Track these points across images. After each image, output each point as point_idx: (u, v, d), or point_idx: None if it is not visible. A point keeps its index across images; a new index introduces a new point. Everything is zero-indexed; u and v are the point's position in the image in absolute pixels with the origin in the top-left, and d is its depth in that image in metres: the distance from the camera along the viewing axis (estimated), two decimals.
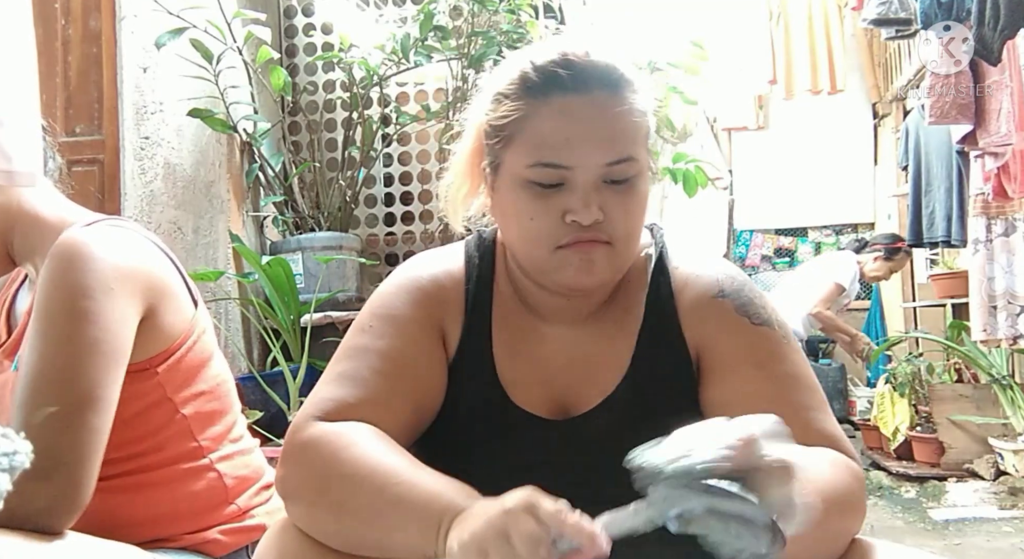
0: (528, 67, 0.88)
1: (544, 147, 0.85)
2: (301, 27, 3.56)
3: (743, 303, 0.92)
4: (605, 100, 0.86)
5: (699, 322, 0.93)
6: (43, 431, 0.92)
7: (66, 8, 2.33)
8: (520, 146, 0.87)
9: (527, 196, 0.87)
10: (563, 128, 0.85)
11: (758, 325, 0.91)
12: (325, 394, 0.89)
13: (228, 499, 1.14)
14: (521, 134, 0.87)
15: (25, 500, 0.88)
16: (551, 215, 0.86)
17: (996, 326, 3.74)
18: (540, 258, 0.88)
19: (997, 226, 3.77)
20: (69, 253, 1.00)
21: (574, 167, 0.85)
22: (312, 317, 2.83)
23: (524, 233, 0.89)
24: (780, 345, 0.91)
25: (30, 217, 1.09)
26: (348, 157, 3.32)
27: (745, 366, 0.89)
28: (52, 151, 1.17)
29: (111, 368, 0.98)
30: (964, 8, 3.02)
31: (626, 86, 0.88)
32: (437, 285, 0.96)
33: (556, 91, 0.86)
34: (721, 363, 0.91)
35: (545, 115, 0.86)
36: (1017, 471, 3.75)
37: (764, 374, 0.88)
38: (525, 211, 0.87)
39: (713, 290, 0.93)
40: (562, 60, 0.87)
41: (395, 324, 0.93)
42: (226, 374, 1.19)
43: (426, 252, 1.04)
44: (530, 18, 3.10)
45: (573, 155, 0.85)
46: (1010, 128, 3.15)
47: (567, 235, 0.86)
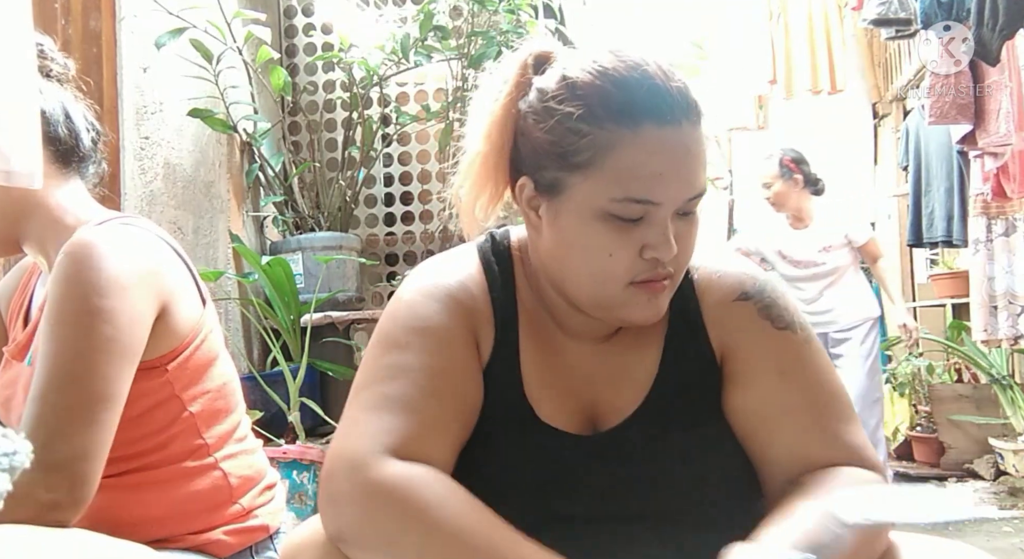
0: (613, 90, 0.80)
1: (636, 181, 0.79)
2: (301, 27, 3.56)
3: (766, 305, 0.90)
4: (691, 132, 0.80)
5: (722, 325, 0.91)
6: (55, 427, 0.93)
7: (66, 8, 2.33)
8: (602, 176, 0.79)
9: (605, 229, 0.80)
10: (656, 162, 0.79)
11: (781, 329, 0.89)
12: (382, 424, 0.79)
13: (232, 498, 1.14)
14: (603, 163, 0.79)
15: (32, 494, 0.88)
16: (630, 250, 0.81)
17: (997, 326, 3.74)
18: (609, 294, 0.83)
19: (997, 226, 3.77)
20: (82, 252, 1.00)
21: (662, 203, 0.79)
22: (312, 317, 2.83)
23: (596, 267, 0.82)
24: (803, 350, 0.89)
25: (51, 211, 1.10)
26: (348, 157, 3.32)
27: (768, 373, 0.87)
28: (100, 156, 1.19)
29: (123, 366, 0.99)
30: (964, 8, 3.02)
31: (702, 112, 0.83)
32: (467, 293, 0.90)
33: (648, 121, 0.78)
34: (744, 369, 0.89)
35: (636, 146, 0.78)
36: (1017, 471, 3.75)
37: (788, 382, 0.87)
38: (602, 245, 0.81)
39: (736, 292, 0.91)
40: (652, 86, 0.80)
41: (435, 337, 0.85)
42: (232, 373, 1.20)
43: (437, 257, 0.97)
44: (530, 18, 3.10)
45: (664, 190, 0.79)
46: (1009, 128, 3.15)
47: (644, 271, 0.81)
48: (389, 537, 0.74)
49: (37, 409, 0.95)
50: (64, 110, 1.12)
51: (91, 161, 1.17)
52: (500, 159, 0.87)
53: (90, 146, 1.16)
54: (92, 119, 1.18)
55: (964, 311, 4.34)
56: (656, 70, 0.81)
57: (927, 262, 5.79)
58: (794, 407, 0.85)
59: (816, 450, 0.84)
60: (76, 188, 1.14)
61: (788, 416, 0.85)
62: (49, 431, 0.93)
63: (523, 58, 0.87)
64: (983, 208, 3.77)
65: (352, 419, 0.81)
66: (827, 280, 3.57)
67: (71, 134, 1.13)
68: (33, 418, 0.94)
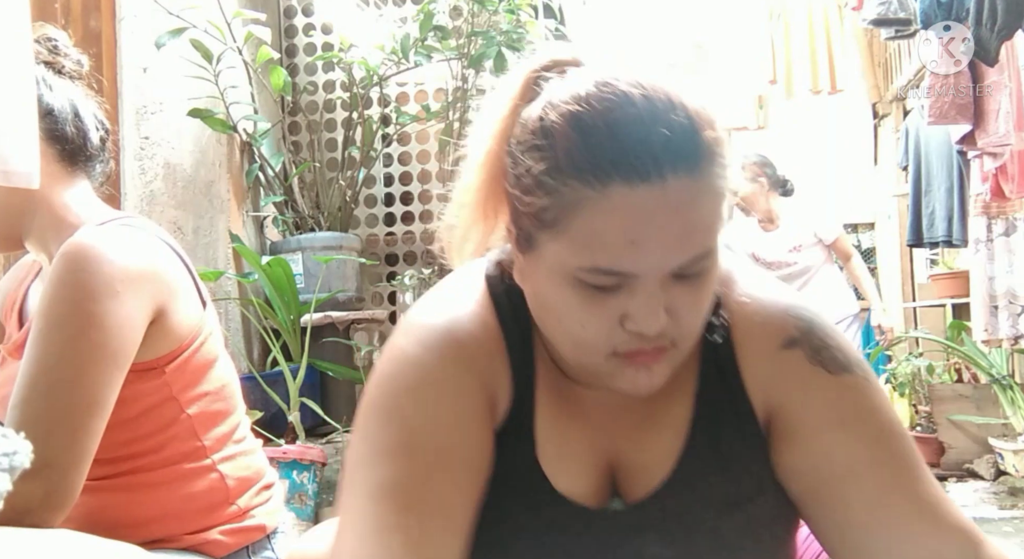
0: (577, 137, 0.64)
1: (602, 251, 0.65)
2: (301, 27, 3.56)
3: (816, 349, 0.76)
4: (680, 188, 0.63)
5: (766, 379, 0.77)
6: (39, 431, 0.92)
7: (66, 8, 2.33)
8: (567, 241, 0.66)
9: (575, 297, 0.68)
10: (627, 230, 0.64)
11: (836, 373, 0.75)
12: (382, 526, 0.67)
13: (229, 500, 1.14)
14: (568, 226, 0.65)
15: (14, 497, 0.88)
16: (606, 320, 0.67)
17: (997, 326, 3.74)
18: (590, 363, 0.71)
19: (998, 226, 3.77)
20: (78, 254, 1.00)
21: (638, 274, 0.66)
22: (312, 317, 2.83)
23: (570, 335, 0.71)
24: (864, 395, 0.76)
25: (55, 210, 1.10)
26: (348, 157, 3.32)
27: (828, 428, 0.74)
28: (107, 155, 1.18)
29: (112, 372, 0.98)
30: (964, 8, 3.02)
31: (707, 155, 0.65)
32: (480, 345, 0.76)
33: (617, 181, 0.63)
34: (799, 426, 0.75)
35: (603, 210, 0.64)
36: (1017, 471, 3.75)
37: (853, 436, 0.73)
38: (573, 314, 0.68)
39: (780, 338, 0.77)
40: (626, 132, 0.63)
41: (445, 405, 0.72)
42: (231, 375, 1.19)
43: (438, 295, 0.81)
44: (530, 18, 3.11)
45: (639, 260, 0.65)
46: (1008, 128, 3.15)
47: (626, 344, 0.68)
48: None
49: (19, 414, 0.94)
50: (73, 108, 1.11)
51: (99, 160, 1.16)
52: (492, 192, 0.73)
53: (98, 145, 1.15)
54: (102, 117, 1.17)
55: (964, 311, 4.34)
56: (644, 107, 0.64)
57: (927, 262, 5.79)
58: (864, 463, 0.72)
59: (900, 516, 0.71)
60: (82, 187, 1.14)
61: (858, 475, 0.72)
62: (33, 434, 0.92)
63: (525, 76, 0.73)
64: (983, 208, 3.76)
65: (349, 517, 0.69)
66: (800, 280, 3.60)
67: (79, 133, 1.12)
68: (17, 421, 0.93)
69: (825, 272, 3.63)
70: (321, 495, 2.57)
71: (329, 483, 2.63)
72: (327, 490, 2.61)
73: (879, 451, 0.73)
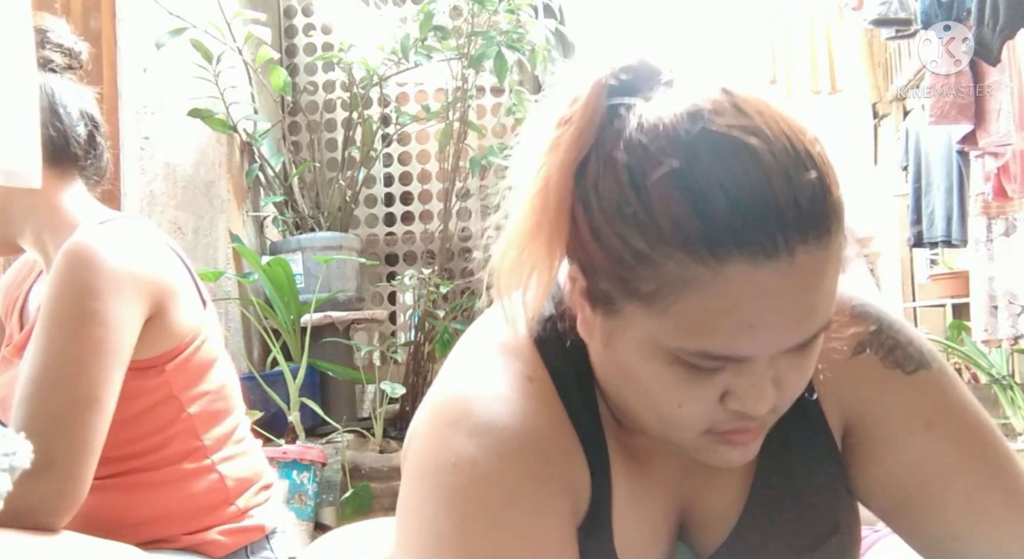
0: (681, 202, 0.52)
1: (713, 335, 0.54)
2: (301, 27, 3.56)
3: (888, 350, 0.70)
4: (812, 260, 0.53)
5: (840, 391, 0.71)
6: (42, 429, 0.93)
7: (66, 8, 2.33)
8: (670, 320, 0.55)
9: (671, 375, 0.58)
10: (747, 312, 0.53)
11: (913, 373, 0.70)
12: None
13: (228, 500, 1.14)
14: (672, 305, 0.54)
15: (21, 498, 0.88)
16: (707, 400, 0.58)
17: (997, 326, 3.74)
18: (680, 439, 0.63)
19: (998, 226, 3.77)
20: (79, 253, 1.00)
21: (752, 358, 0.56)
22: (312, 317, 2.83)
23: (658, 412, 0.61)
24: (944, 390, 0.70)
25: (50, 211, 1.10)
26: (348, 157, 3.32)
27: (915, 433, 0.69)
28: (99, 150, 1.16)
29: (113, 369, 0.99)
30: (964, 8, 3.02)
31: (836, 220, 0.55)
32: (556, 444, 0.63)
33: (739, 258, 0.52)
34: (882, 434, 0.70)
35: (719, 293, 0.53)
36: None
37: (941, 437, 0.68)
38: (666, 392, 0.59)
39: (850, 345, 0.70)
40: (744, 190, 0.51)
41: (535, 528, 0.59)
42: (231, 376, 1.20)
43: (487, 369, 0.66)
44: (530, 18, 3.10)
45: (756, 346, 0.55)
46: (1010, 128, 3.15)
47: (725, 423, 0.60)
48: None
49: (25, 411, 0.94)
50: (52, 109, 1.08)
51: (89, 157, 1.13)
52: (554, 232, 0.58)
53: (85, 141, 1.12)
54: (92, 110, 1.13)
55: (964, 311, 4.34)
56: (768, 161, 0.52)
57: (927, 262, 5.79)
58: (954, 464, 0.67)
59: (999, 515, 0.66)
60: (74, 187, 1.13)
61: (951, 478, 0.67)
62: (35, 434, 0.92)
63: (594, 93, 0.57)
64: (983, 208, 3.76)
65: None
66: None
67: (59, 134, 1.09)
68: (21, 420, 0.94)
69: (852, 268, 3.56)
70: (321, 495, 2.57)
71: (329, 483, 2.63)
72: (327, 490, 2.61)
73: (969, 449, 0.68)
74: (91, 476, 0.96)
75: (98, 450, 0.97)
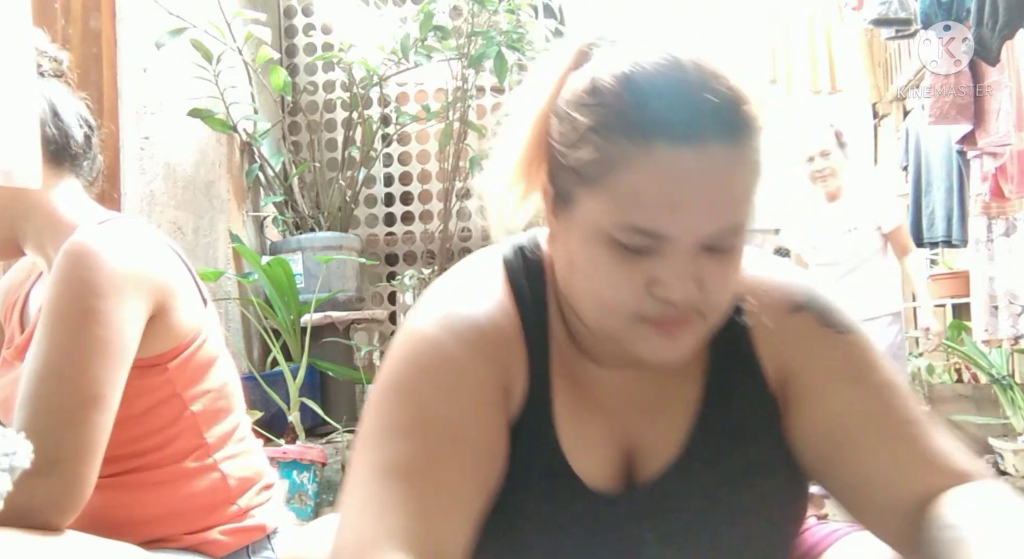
0: (628, 95, 0.67)
1: (640, 209, 0.66)
2: (301, 27, 3.56)
3: (822, 311, 0.79)
4: (722, 155, 0.65)
5: (778, 345, 0.79)
6: (46, 428, 0.93)
7: (66, 8, 2.33)
8: (606, 197, 0.67)
9: (607, 257, 0.69)
10: (668, 190, 0.65)
11: (844, 334, 0.78)
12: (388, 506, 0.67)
13: (230, 499, 1.14)
14: (609, 182, 0.67)
15: (25, 497, 0.88)
16: (635, 284, 0.68)
17: (997, 326, 3.74)
18: (613, 327, 0.71)
19: (998, 226, 3.77)
20: (79, 252, 1.00)
21: (673, 237, 0.67)
22: (312, 317, 2.83)
23: (596, 296, 0.71)
24: (869, 352, 0.78)
25: (48, 211, 1.10)
26: (348, 157, 3.32)
27: (841, 383, 0.76)
28: (95, 151, 1.17)
29: (116, 367, 0.99)
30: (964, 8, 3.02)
31: (750, 128, 0.67)
32: (494, 325, 0.76)
33: (663, 140, 0.65)
34: (813, 385, 0.77)
35: (646, 168, 0.65)
36: (1017, 471, 3.75)
37: (862, 389, 0.76)
38: (603, 274, 0.69)
39: (788, 305, 0.79)
40: (676, 94, 0.66)
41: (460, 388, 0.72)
42: (233, 374, 1.20)
43: (457, 277, 0.82)
44: (530, 18, 3.11)
45: (675, 223, 0.66)
46: (1009, 128, 3.15)
47: (652, 310, 0.69)
48: None
49: (28, 410, 0.94)
50: (52, 108, 1.10)
51: (85, 158, 1.15)
52: (536, 152, 0.75)
53: (83, 143, 1.14)
54: (86, 114, 1.15)
55: (964, 311, 4.34)
56: (694, 74, 0.67)
57: (927, 262, 5.79)
58: (874, 414, 0.75)
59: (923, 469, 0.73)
60: (72, 187, 1.13)
61: (872, 426, 0.75)
62: (40, 432, 0.92)
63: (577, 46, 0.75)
64: (983, 208, 3.76)
65: (355, 493, 0.69)
66: (846, 266, 3.31)
67: (60, 133, 1.11)
68: (24, 420, 0.94)
69: (875, 263, 3.31)
70: (321, 495, 2.57)
71: (329, 483, 2.63)
72: (327, 490, 2.61)
73: (886, 405, 0.75)
74: (95, 475, 0.96)
75: (102, 449, 0.97)
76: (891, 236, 3.31)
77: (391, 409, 0.72)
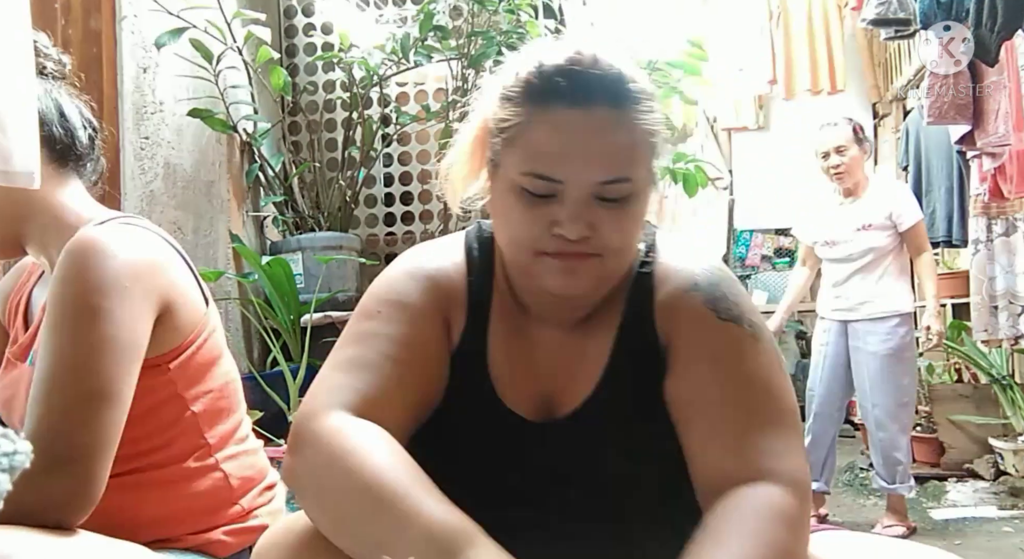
0: (533, 71, 0.86)
1: (538, 158, 0.84)
2: (301, 27, 3.56)
3: (714, 297, 0.90)
4: (606, 117, 0.84)
5: (669, 316, 0.92)
6: (59, 425, 0.93)
7: (66, 8, 2.33)
8: (517, 152, 0.86)
9: (518, 202, 0.86)
10: (558, 141, 0.84)
11: (724, 320, 0.89)
12: (337, 381, 0.86)
13: (233, 499, 1.14)
14: (519, 140, 0.86)
15: (40, 495, 0.88)
16: (539, 224, 0.85)
17: (997, 326, 3.74)
18: (523, 262, 0.88)
19: (998, 226, 3.77)
20: (83, 250, 1.00)
21: (565, 182, 0.84)
22: (312, 317, 2.83)
23: (511, 236, 0.89)
24: (743, 343, 0.88)
25: (51, 212, 1.10)
26: (348, 157, 3.32)
27: (702, 362, 0.88)
28: (98, 153, 1.18)
29: (126, 364, 0.99)
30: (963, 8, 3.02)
31: (632, 103, 0.86)
32: (444, 274, 0.96)
33: (557, 102, 0.84)
34: (681, 357, 0.90)
35: (542, 125, 0.85)
36: (1017, 471, 3.76)
37: (716, 372, 0.87)
38: (515, 216, 0.87)
39: (687, 284, 0.92)
40: (567, 68, 0.85)
41: (405, 311, 0.92)
42: (234, 373, 1.20)
43: (427, 243, 1.03)
44: (530, 18, 3.11)
45: (565, 170, 0.84)
46: (1008, 129, 3.15)
47: (552, 245, 0.85)
48: (317, 482, 0.78)
49: (40, 408, 0.94)
50: (59, 109, 1.11)
51: (89, 159, 1.16)
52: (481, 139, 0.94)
53: (87, 144, 1.15)
54: (89, 116, 1.17)
55: (964, 311, 4.34)
56: (590, 58, 0.85)
57: None
58: (719, 400, 0.85)
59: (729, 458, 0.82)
60: (75, 187, 1.14)
61: (710, 408, 0.85)
62: (52, 430, 0.93)
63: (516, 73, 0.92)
64: (983, 208, 3.77)
65: (318, 378, 0.88)
66: (859, 263, 3.24)
67: (67, 133, 1.12)
68: (36, 418, 0.94)
69: (890, 261, 3.23)
70: None
71: None
72: None
73: (734, 393, 0.86)
74: (108, 473, 0.96)
75: (115, 446, 0.97)
76: (908, 234, 3.23)
77: (352, 327, 0.93)
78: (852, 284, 3.27)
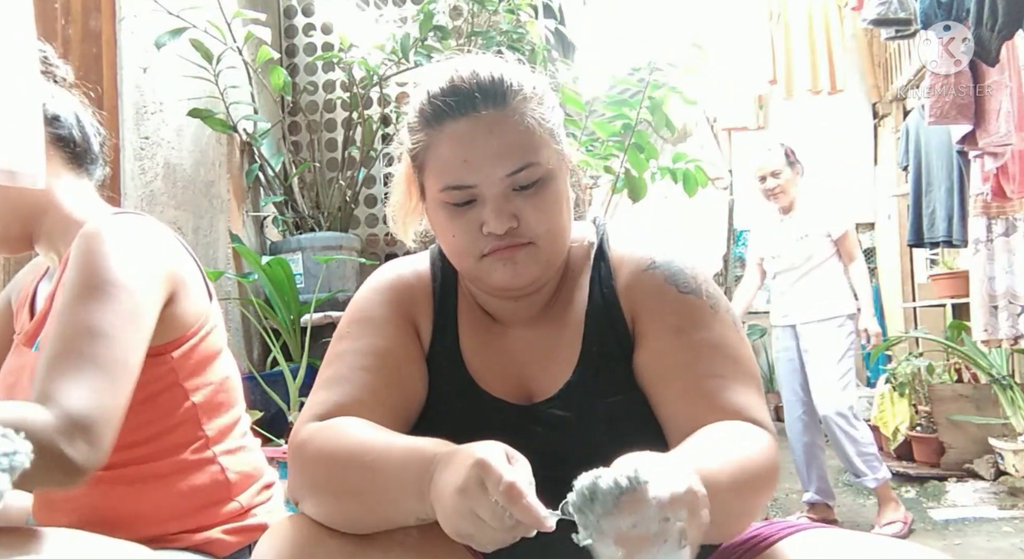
0: (424, 99, 0.94)
1: (447, 172, 0.92)
2: (301, 27, 3.56)
3: (672, 273, 0.98)
4: (492, 117, 0.91)
5: (632, 294, 0.98)
6: (73, 383, 0.93)
7: (66, 8, 2.33)
8: (431, 172, 0.94)
9: (446, 215, 0.94)
10: (458, 151, 0.91)
11: (685, 293, 0.96)
12: (317, 398, 0.94)
13: (230, 495, 1.15)
14: (428, 161, 0.94)
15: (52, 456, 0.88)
16: (470, 230, 0.93)
17: (997, 326, 3.74)
18: (469, 267, 0.96)
19: (998, 226, 3.77)
20: (97, 234, 1.04)
21: (477, 184, 0.91)
22: (312, 317, 2.83)
23: (450, 248, 0.96)
24: (703, 313, 0.95)
25: (64, 210, 1.15)
26: (348, 157, 3.32)
27: (666, 332, 0.94)
28: (105, 159, 1.24)
29: (139, 338, 1.01)
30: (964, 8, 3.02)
31: (513, 96, 0.93)
32: (405, 284, 1.04)
33: (447, 118, 0.92)
34: (647, 329, 0.96)
35: (442, 142, 0.92)
36: (1017, 471, 3.76)
37: (682, 340, 0.93)
38: (447, 229, 0.94)
39: (645, 263, 0.99)
40: (449, 87, 0.93)
41: (371, 324, 1.00)
42: (234, 370, 1.22)
43: (397, 259, 1.11)
44: (530, 18, 3.11)
45: (473, 174, 0.91)
46: (1009, 128, 3.16)
47: (487, 245, 0.92)
48: (316, 479, 0.85)
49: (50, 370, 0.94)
50: (76, 115, 1.18)
51: (98, 164, 1.23)
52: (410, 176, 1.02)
53: (98, 149, 1.22)
54: (98, 124, 1.23)
55: (964, 311, 4.35)
56: (467, 73, 0.93)
57: (927, 262, 5.79)
58: (683, 363, 0.92)
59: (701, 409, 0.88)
60: (86, 188, 1.19)
61: (679, 372, 0.92)
62: (65, 391, 0.92)
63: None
64: (983, 208, 3.77)
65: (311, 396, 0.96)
66: (800, 271, 3.56)
67: (84, 136, 1.19)
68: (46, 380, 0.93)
69: (829, 267, 3.55)
70: None
71: None
72: None
73: (697, 357, 0.92)
74: (114, 439, 0.96)
75: (123, 414, 0.97)
76: (839, 243, 3.56)
77: (330, 348, 1.01)
78: (797, 290, 3.59)
